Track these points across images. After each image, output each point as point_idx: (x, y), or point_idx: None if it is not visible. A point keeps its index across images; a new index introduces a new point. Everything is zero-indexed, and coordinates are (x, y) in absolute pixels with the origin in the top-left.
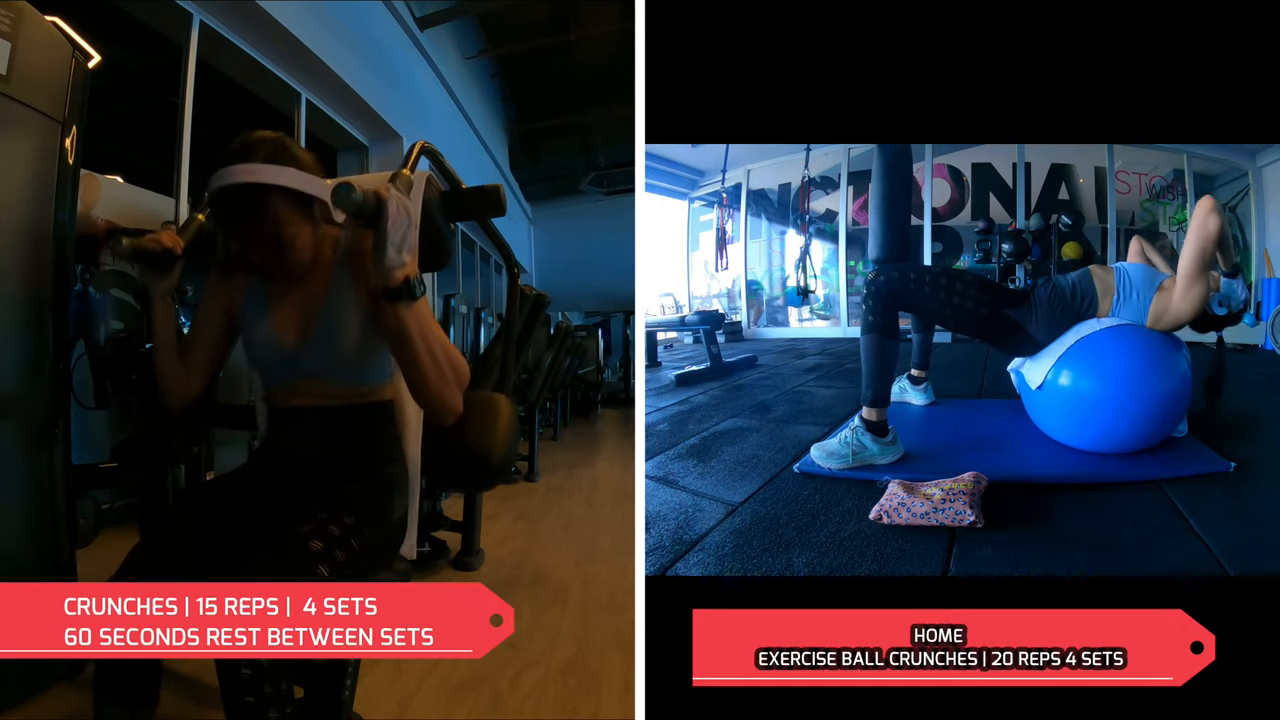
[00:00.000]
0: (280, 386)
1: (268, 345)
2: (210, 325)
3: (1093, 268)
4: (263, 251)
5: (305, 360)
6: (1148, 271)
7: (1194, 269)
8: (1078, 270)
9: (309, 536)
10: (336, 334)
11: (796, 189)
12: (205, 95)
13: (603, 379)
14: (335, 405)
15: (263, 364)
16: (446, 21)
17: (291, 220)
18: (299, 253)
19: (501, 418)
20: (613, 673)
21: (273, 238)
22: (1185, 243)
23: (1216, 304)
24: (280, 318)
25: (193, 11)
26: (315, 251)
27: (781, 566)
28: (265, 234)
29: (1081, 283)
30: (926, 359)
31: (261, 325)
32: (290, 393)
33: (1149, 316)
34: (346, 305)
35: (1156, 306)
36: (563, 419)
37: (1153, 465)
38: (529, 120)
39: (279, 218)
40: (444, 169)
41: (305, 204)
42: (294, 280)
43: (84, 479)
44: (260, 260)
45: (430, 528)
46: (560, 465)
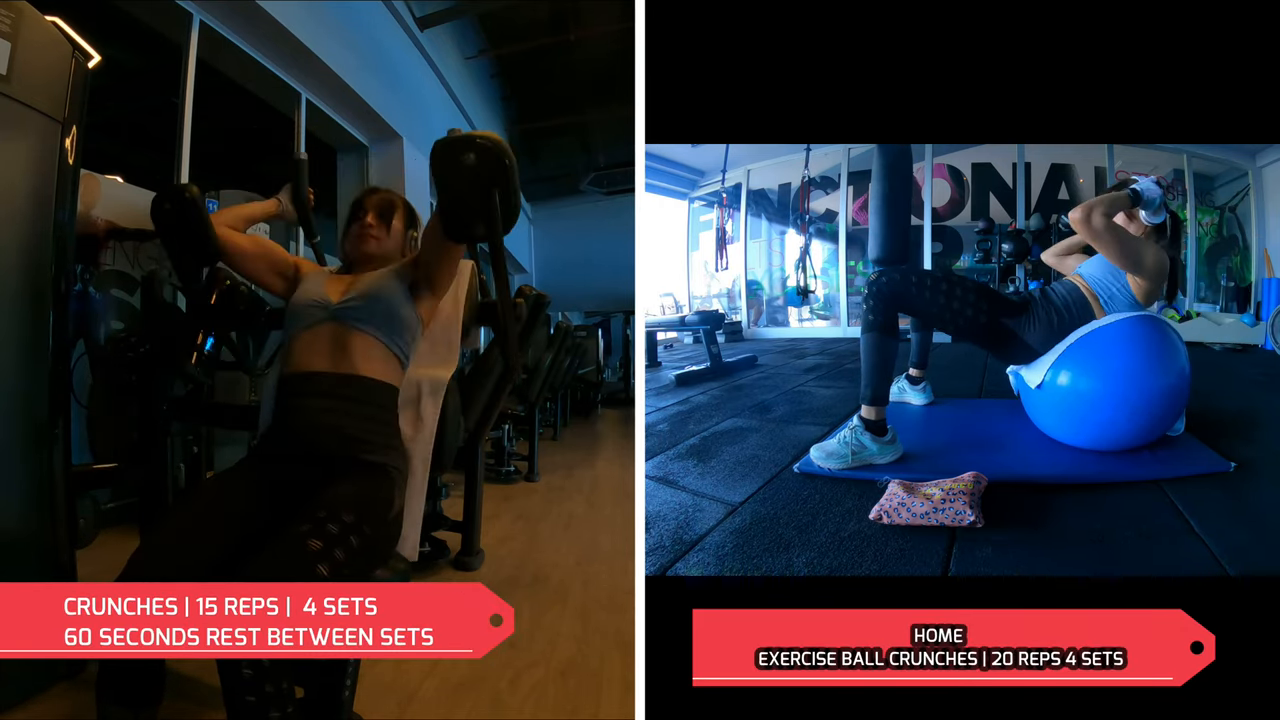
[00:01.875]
0: (307, 328)
1: (313, 295)
2: (281, 255)
3: (1074, 277)
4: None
5: (341, 308)
6: (1100, 262)
7: (1127, 263)
8: (1063, 281)
9: (308, 535)
10: (376, 291)
11: (796, 189)
12: (205, 95)
13: (603, 379)
14: (346, 374)
15: (299, 311)
16: (446, 21)
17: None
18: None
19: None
20: (613, 673)
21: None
22: (1103, 254)
23: (1152, 215)
24: (333, 285)
25: (193, 11)
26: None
27: (781, 566)
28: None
29: (1073, 295)
30: (925, 359)
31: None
32: (313, 340)
33: (1138, 299)
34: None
35: (1135, 289)
36: (563, 419)
37: (1152, 465)
38: (529, 120)
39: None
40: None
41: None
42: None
43: (84, 479)
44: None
45: (430, 528)
46: (560, 465)
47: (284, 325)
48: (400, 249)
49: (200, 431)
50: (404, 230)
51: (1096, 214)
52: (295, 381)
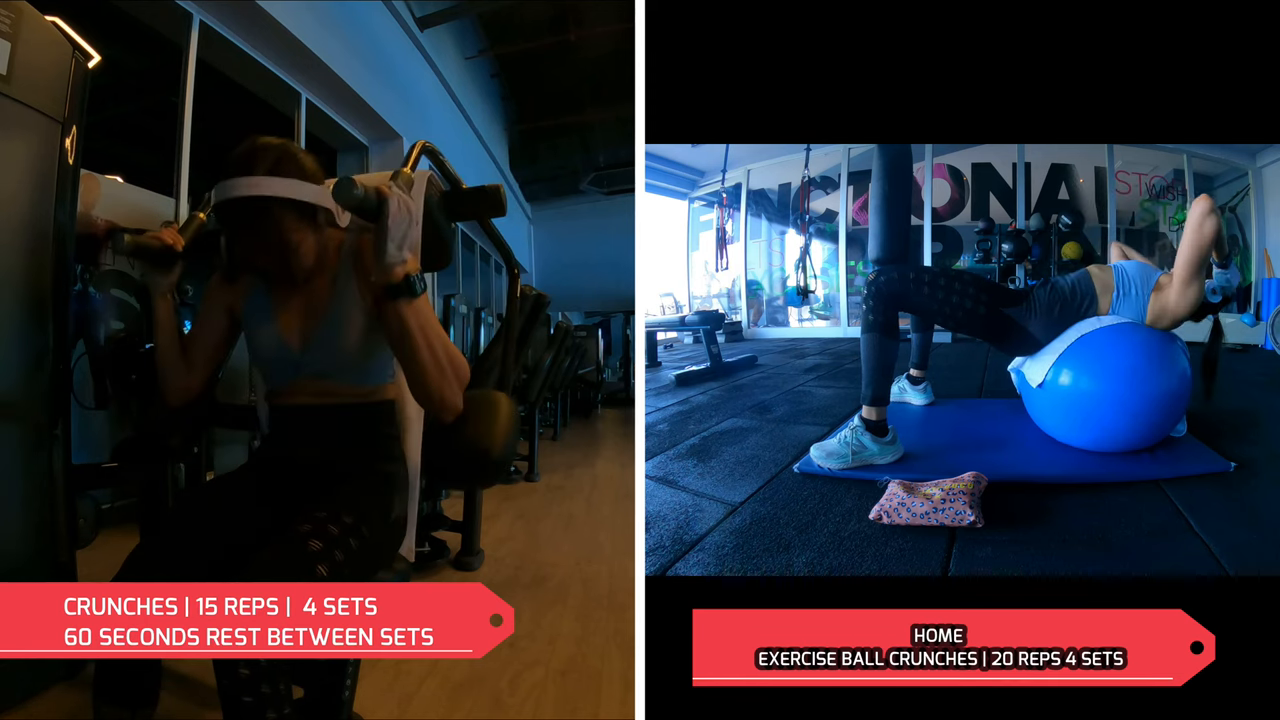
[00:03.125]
0: (284, 386)
1: (271, 346)
2: (212, 325)
3: (1091, 268)
4: (267, 259)
5: (309, 361)
6: (1145, 268)
7: (1191, 269)
8: (1076, 271)
9: (308, 536)
10: (340, 334)
11: (796, 189)
12: (205, 95)
13: (603, 379)
14: (337, 404)
15: (266, 364)
16: (446, 21)
17: (295, 228)
18: (303, 259)
19: (501, 415)
20: (613, 673)
21: (277, 246)
22: (1182, 243)
23: (1210, 292)
24: (284, 320)
25: (193, 11)
26: (319, 255)
27: (781, 566)
28: (269, 243)
29: (1080, 282)
30: (926, 359)
31: (265, 327)
32: (294, 392)
33: (1149, 315)
34: (350, 306)
35: (1155, 306)
36: (563, 419)
37: (1152, 465)
38: (529, 120)
39: (282, 227)
40: (444, 168)
41: (309, 212)
42: (298, 283)
43: (84, 479)
44: (265, 266)
45: (430, 528)
46: (560, 465)
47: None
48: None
49: (200, 431)
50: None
51: (1215, 219)
52: (283, 412)
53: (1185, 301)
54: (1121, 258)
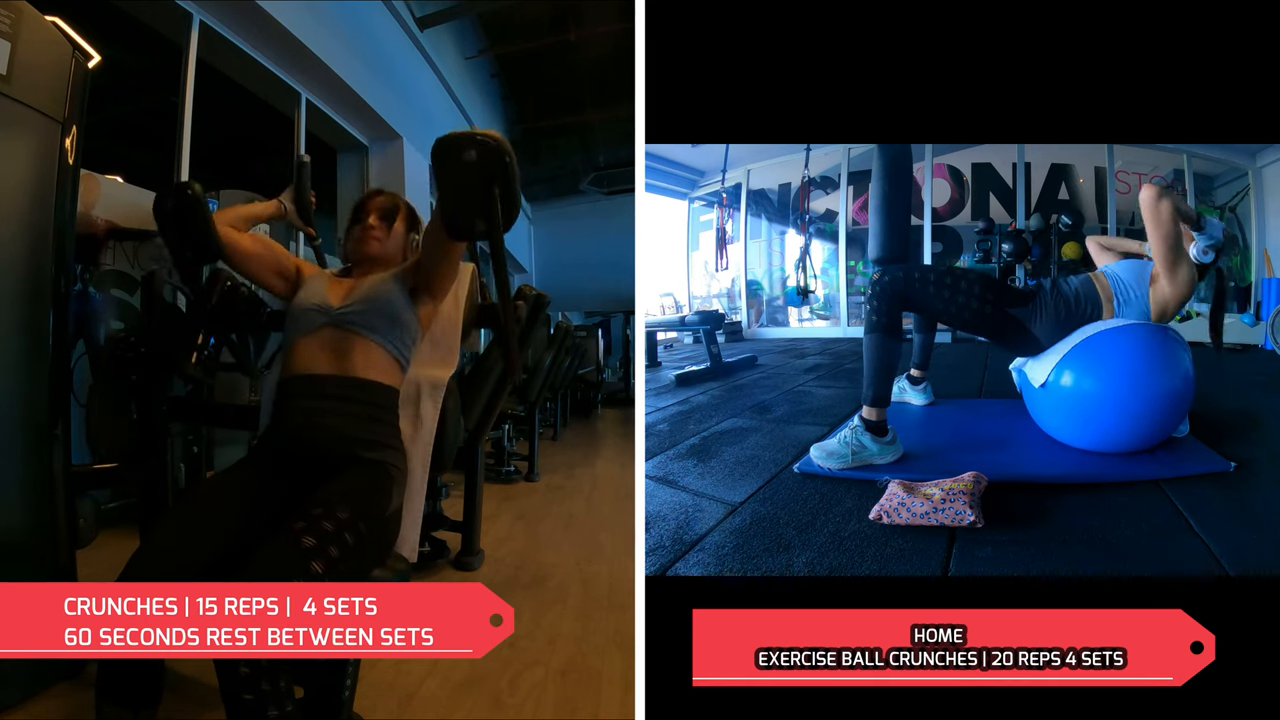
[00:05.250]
0: (308, 334)
1: (314, 300)
2: (282, 255)
3: (1093, 274)
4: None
5: (342, 312)
6: (1134, 266)
7: (1170, 256)
8: (1080, 276)
9: (302, 533)
10: (376, 296)
11: (796, 189)
12: (205, 95)
13: (603, 379)
14: (346, 377)
15: (300, 316)
16: (446, 21)
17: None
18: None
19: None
20: (613, 673)
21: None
22: (1150, 238)
23: (1202, 253)
24: (334, 288)
25: (193, 11)
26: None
27: (781, 566)
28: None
29: (1085, 289)
30: (927, 359)
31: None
32: (314, 344)
33: (1153, 312)
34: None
35: (1155, 301)
36: (563, 419)
37: (1153, 465)
38: (529, 120)
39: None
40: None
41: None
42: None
43: (84, 479)
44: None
45: (430, 528)
46: (560, 465)
47: (284, 328)
48: (402, 252)
49: (200, 431)
50: (405, 233)
51: (1167, 200)
52: (295, 383)
53: (1180, 284)
54: (1102, 251)
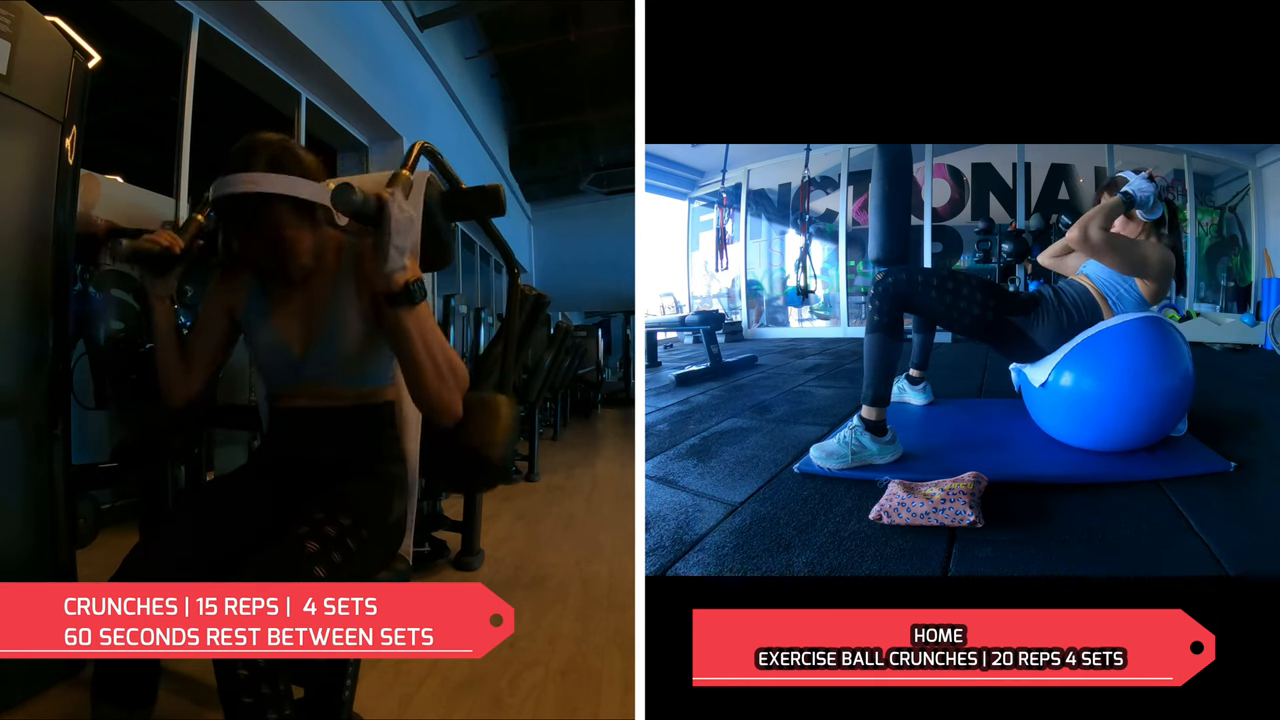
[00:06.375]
0: (284, 389)
1: (271, 349)
2: (212, 326)
3: (1080, 279)
4: (266, 256)
5: (309, 364)
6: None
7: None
8: (1071, 282)
9: (305, 538)
10: (339, 337)
11: (796, 189)
12: (205, 95)
13: (603, 379)
14: (338, 406)
15: (267, 367)
16: (446, 21)
17: (294, 226)
18: (301, 257)
19: (502, 417)
20: (613, 673)
21: (275, 244)
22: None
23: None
24: (283, 322)
25: (193, 11)
26: (318, 256)
27: (781, 566)
28: (268, 240)
29: (1082, 295)
30: (926, 359)
31: (265, 329)
32: (294, 395)
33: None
34: (349, 309)
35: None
36: (563, 419)
37: (1153, 465)
38: (529, 120)
39: (281, 224)
40: (444, 169)
41: (308, 209)
42: (297, 283)
43: (84, 479)
44: (263, 265)
45: (430, 528)
46: (560, 465)
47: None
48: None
49: (200, 431)
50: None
51: (1094, 228)
52: (287, 416)
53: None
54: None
